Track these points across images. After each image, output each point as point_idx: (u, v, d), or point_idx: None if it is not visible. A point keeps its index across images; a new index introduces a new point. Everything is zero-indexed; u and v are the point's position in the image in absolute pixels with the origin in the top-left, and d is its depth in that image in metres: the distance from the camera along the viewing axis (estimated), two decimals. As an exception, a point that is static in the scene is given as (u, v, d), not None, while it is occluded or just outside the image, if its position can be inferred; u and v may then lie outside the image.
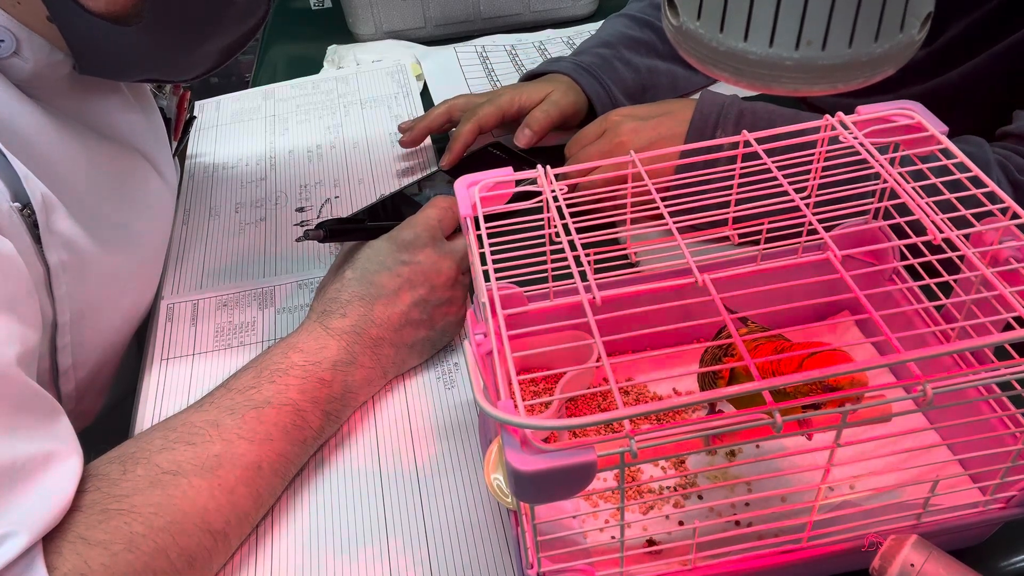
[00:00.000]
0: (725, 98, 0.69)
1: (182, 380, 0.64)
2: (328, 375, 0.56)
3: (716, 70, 0.36)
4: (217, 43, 0.58)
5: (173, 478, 0.48)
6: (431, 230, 0.62)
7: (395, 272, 0.60)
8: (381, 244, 0.62)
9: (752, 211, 0.49)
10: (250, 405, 0.52)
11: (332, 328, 0.58)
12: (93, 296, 0.58)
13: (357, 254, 0.62)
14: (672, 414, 0.57)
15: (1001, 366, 0.40)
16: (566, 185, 0.47)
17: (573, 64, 0.83)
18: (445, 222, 0.64)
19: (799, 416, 0.40)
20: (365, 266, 0.61)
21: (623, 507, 0.40)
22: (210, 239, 0.78)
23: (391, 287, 0.60)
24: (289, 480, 0.55)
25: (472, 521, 0.54)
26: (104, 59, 0.54)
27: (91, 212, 0.57)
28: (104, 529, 0.45)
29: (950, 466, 0.52)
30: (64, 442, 0.47)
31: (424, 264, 0.61)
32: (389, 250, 0.61)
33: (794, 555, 0.45)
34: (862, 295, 0.39)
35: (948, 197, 0.43)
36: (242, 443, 0.51)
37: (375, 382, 0.60)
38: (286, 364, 0.55)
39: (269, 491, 0.53)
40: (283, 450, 0.53)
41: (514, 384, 0.37)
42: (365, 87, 0.98)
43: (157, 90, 0.70)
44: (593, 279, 0.41)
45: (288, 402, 0.54)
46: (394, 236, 0.62)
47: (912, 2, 0.33)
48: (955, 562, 0.42)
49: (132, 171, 0.63)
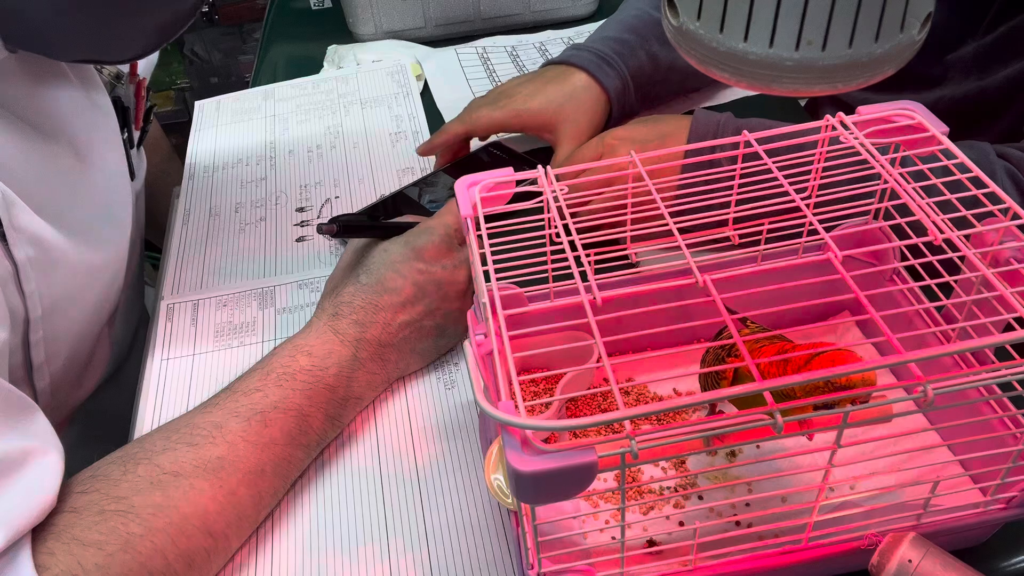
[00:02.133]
0: (719, 117, 0.68)
1: (182, 380, 0.64)
2: (334, 380, 0.56)
3: (716, 70, 0.36)
4: (148, 20, 0.56)
5: (174, 479, 0.48)
6: (447, 238, 0.62)
7: (410, 280, 0.60)
8: (397, 249, 0.61)
9: (753, 211, 0.49)
10: (255, 408, 0.52)
11: (341, 332, 0.57)
12: (62, 290, 0.57)
13: (371, 256, 0.61)
14: (672, 415, 0.57)
15: (1002, 366, 0.40)
16: (567, 186, 0.47)
17: (594, 57, 0.79)
18: (462, 230, 0.63)
19: (803, 416, 0.40)
20: (381, 271, 0.60)
21: (624, 507, 0.40)
22: (210, 239, 0.78)
23: (406, 295, 0.59)
24: (291, 483, 0.55)
25: (472, 521, 0.54)
26: (26, 31, 0.52)
27: (50, 207, 0.56)
28: (99, 530, 0.45)
29: (951, 467, 0.52)
30: (41, 439, 0.46)
31: (439, 274, 0.60)
32: (405, 257, 0.60)
33: (794, 555, 0.45)
34: (863, 295, 0.39)
35: (949, 198, 0.43)
36: (245, 446, 0.51)
37: (378, 387, 0.60)
38: (293, 368, 0.55)
39: (271, 494, 0.53)
40: (286, 454, 0.53)
41: (515, 384, 0.37)
42: (365, 87, 0.98)
43: (115, 80, 0.69)
44: (593, 279, 0.41)
45: (293, 407, 0.53)
46: (411, 242, 0.61)
47: (912, 2, 0.33)
48: (952, 559, 0.42)
49: (82, 162, 0.61)
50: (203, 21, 1.99)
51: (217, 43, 2.03)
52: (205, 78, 2.07)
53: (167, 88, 2.08)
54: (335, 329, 0.58)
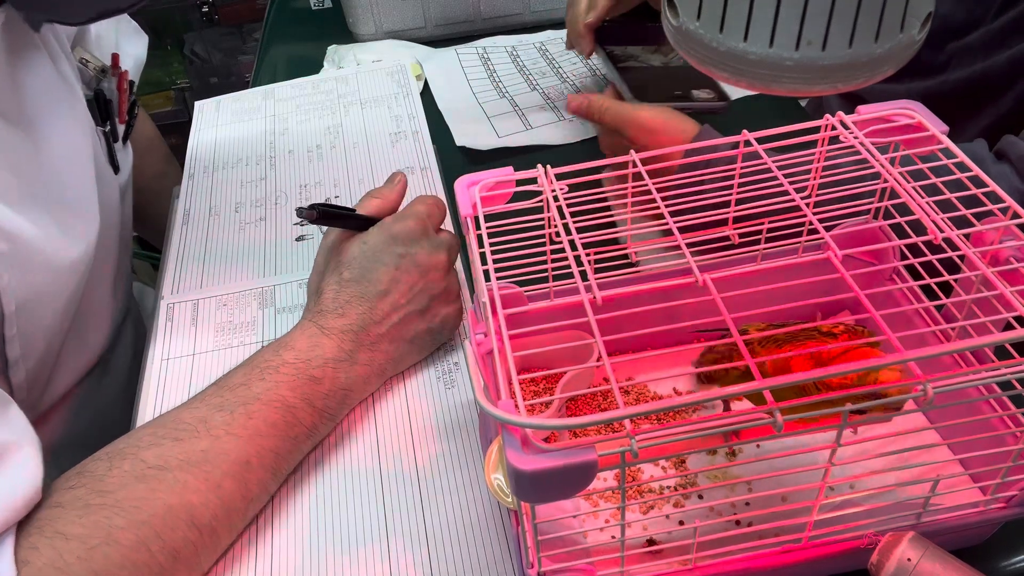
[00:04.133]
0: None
1: (182, 380, 0.64)
2: (319, 372, 0.56)
3: (716, 70, 0.36)
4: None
5: (158, 472, 0.48)
6: (422, 223, 0.62)
7: (392, 265, 0.60)
8: (375, 239, 0.61)
9: (753, 211, 0.49)
10: (239, 401, 0.53)
11: (327, 327, 0.58)
12: (35, 284, 0.57)
13: (350, 252, 0.61)
14: (672, 414, 0.57)
15: (1001, 365, 0.40)
16: (567, 185, 0.47)
17: None
18: (434, 217, 0.64)
19: (803, 416, 0.40)
20: (363, 264, 0.60)
21: (624, 507, 0.40)
22: (210, 239, 0.78)
23: (388, 279, 0.60)
24: (283, 477, 0.55)
25: (472, 521, 0.54)
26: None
27: (20, 201, 0.55)
28: (83, 524, 0.45)
29: (950, 466, 0.52)
30: (17, 433, 0.46)
31: (419, 255, 0.61)
32: (384, 243, 0.61)
33: (794, 555, 0.45)
34: (862, 294, 0.39)
35: (948, 197, 0.43)
36: (229, 439, 0.51)
37: (372, 380, 0.60)
38: (277, 362, 0.55)
39: (260, 487, 0.53)
40: (273, 446, 0.53)
41: (515, 383, 0.37)
42: (365, 87, 0.98)
43: (100, 74, 0.68)
44: (593, 279, 0.41)
45: (277, 398, 0.54)
46: (387, 227, 0.62)
47: (912, 2, 0.33)
48: (951, 558, 0.42)
49: (38, 146, 0.60)
50: (203, 21, 1.99)
51: (217, 43, 2.03)
52: (205, 78, 2.07)
53: (167, 88, 2.08)
54: (319, 324, 0.58)
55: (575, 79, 0.99)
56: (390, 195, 0.65)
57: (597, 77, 0.99)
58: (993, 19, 0.74)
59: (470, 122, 0.92)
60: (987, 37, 0.74)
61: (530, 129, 0.90)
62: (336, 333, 0.57)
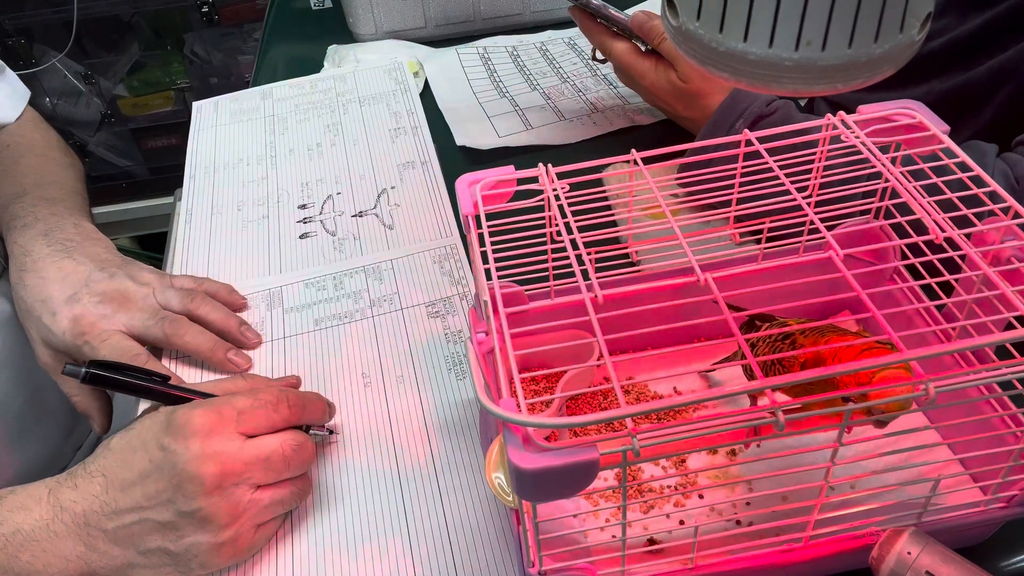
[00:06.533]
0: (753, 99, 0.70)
1: (190, 381, 0.64)
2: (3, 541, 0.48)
3: (716, 70, 0.36)
4: None
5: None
6: (215, 421, 0.50)
7: (148, 456, 0.49)
8: (156, 418, 0.52)
9: (754, 210, 0.49)
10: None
11: (57, 495, 0.50)
12: None
13: (134, 423, 0.53)
14: (673, 413, 0.57)
15: (1002, 365, 0.40)
16: (568, 184, 0.47)
17: None
18: (252, 418, 0.51)
19: (803, 415, 0.40)
20: (128, 438, 0.51)
21: (624, 506, 0.40)
22: (212, 238, 0.78)
23: (136, 470, 0.49)
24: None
25: (473, 520, 0.54)
26: None
27: None
28: None
29: (951, 465, 0.52)
30: None
31: (181, 457, 0.48)
32: (157, 428, 0.51)
33: (795, 554, 0.45)
34: (864, 294, 0.39)
35: (949, 196, 0.43)
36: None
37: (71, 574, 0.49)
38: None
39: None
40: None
41: (516, 382, 0.37)
42: (363, 85, 0.98)
43: None
44: (595, 278, 0.41)
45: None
46: (172, 412, 0.51)
47: (912, 2, 0.33)
48: (950, 552, 0.42)
49: None
50: (203, 21, 1.99)
51: (217, 43, 2.03)
52: (205, 78, 2.07)
53: (167, 88, 2.08)
54: (51, 489, 0.50)
55: (575, 79, 0.99)
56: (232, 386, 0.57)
57: (598, 77, 0.99)
58: (958, 27, 0.74)
59: (470, 122, 0.92)
60: (951, 46, 0.74)
61: (530, 129, 0.90)
62: (52, 505, 0.50)
